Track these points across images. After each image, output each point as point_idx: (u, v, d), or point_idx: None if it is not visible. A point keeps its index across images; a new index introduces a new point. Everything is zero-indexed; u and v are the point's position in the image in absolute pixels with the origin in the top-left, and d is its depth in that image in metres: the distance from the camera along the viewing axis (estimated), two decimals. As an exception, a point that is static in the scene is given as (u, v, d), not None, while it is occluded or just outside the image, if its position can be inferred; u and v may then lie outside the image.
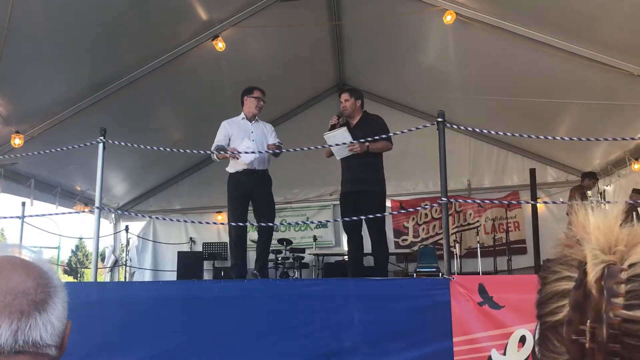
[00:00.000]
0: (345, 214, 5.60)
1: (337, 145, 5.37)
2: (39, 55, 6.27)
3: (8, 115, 6.69)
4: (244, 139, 5.62)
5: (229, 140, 5.73)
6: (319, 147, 5.41)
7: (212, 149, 5.66)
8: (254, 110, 5.81)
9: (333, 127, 5.57)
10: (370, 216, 5.09)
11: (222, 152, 5.57)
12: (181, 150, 5.79)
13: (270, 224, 5.66)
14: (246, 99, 5.88)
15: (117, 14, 6.22)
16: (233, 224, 5.60)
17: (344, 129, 5.43)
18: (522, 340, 3.59)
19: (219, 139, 5.72)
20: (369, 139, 5.34)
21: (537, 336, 0.75)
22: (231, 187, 5.79)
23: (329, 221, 5.54)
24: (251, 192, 5.68)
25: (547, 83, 7.44)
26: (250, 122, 5.84)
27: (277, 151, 5.60)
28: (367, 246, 5.78)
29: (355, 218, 5.20)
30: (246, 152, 5.43)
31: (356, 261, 5.86)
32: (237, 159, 5.50)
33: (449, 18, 6.71)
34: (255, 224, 5.69)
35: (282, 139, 6.95)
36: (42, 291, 0.89)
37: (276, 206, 6.14)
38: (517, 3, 6.32)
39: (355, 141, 5.36)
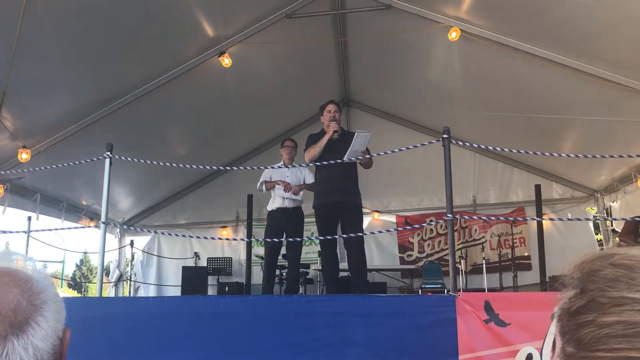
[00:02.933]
0: (326, 226, 5.64)
1: (356, 146, 5.41)
2: (47, 71, 6.32)
3: (15, 130, 6.73)
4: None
5: (271, 179, 6.82)
6: (325, 162, 5.42)
7: (258, 185, 6.84)
8: (286, 159, 6.90)
9: (335, 132, 5.71)
10: (378, 232, 5.09)
11: (267, 183, 6.74)
12: (187, 166, 5.82)
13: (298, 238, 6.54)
14: (281, 150, 7.02)
15: (124, 30, 6.28)
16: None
17: (370, 133, 5.50)
18: (529, 358, 3.56)
19: (266, 177, 6.85)
20: (369, 155, 5.59)
21: None
22: (269, 223, 6.89)
23: (336, 237, 5.56)
24: (284, 227, 6.63)
25: (552, 99, 7.45)
26: (287, 168, 6.81)
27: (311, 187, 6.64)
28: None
29: (353, 235, 5.22)
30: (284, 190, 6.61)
31: (334, 279, 5.93)
32: (287, 189, 6.54)
33: (453, 35, 6.74)
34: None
35: (287, 154, 7.01)
36: (22, 311, 0.86)
37: None
38: (521, 20, 6.35)
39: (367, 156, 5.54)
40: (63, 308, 0.94)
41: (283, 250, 7.09)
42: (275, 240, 6.42)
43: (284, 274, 8.99)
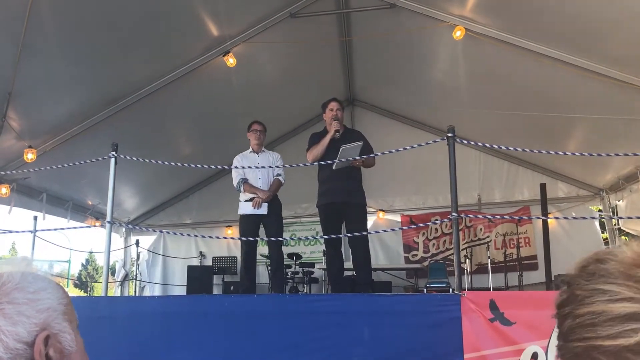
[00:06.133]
0: (330, 225, 5.63)
1: (343, 158, 5.39)
2: (52, 71, 6.34)
3: (21, 130, 6.76)
4: (253, 172, 6.28)
5: (243, 172, 6.28)
6: (329, 162, 5.42)
7: (236, 183, 6.28)
8: (255, 144, 6.43)
9: (337, 131, 5.69)
10: (383, 230, 5.09)
11: (246, 185, 6.20)
12: (192, 165, 5.83)
13: (280, 241, 6.18)
14: (248, 135, 6.50)
15: (129, 30, 6.30)
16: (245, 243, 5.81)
17: (360, 144, 5.45)
18: (535, 357, 3.55)
19: (240, 172, 6.27)
20: (373, 154, 5.62)
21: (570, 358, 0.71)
22: (243, 222, 6.32)
23: (340, 236, 5.56)
24: (261, 218, 6.14)
25: (558, 98, 7.43)
26: (257, 154, 6.41)
27: (276, 186, 6.31)
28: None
29: (357, 234, 5.21)
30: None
31: (339, 278, 5.95)
32: (257, 205, 6.06)
33: (458, 34, 6.73)
34: (265, 238, 6.15)
35: (292, 153, 7.02)
36: None
37: (286, 220, 6.57)
38: (526, 18, 6.34)
39: (359, 157, 5.44)
40: (39, 310, 0.92)
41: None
42: (251, 239, 6.00)
43: (289, 273, 9.01)
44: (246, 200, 6.21)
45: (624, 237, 9.66)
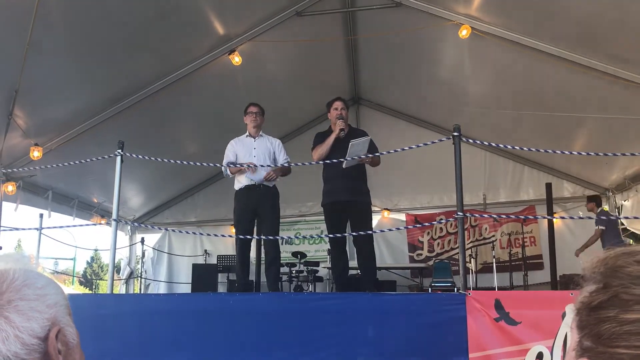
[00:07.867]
0: (334, 224, 5.63)
1: (354, 154, 5.37)
2: (58, 69, 6.36)
3: (28, 128, 6.78)
4: (248, 158, 5.84)
5: (236, 157, 5.90)
6: (335, 160, 5.41)
7: (223, 169, 5.96)
8: (251, 127, 6.01)
9: (342, 131, 5.65)
10: (388, 230, 5.08)
11: (232, 166, 5.79)
12: (197, 163, 5.84)
13: (276, 237, 5.81)
14: (245, 118, 6.09)
15: (135, 29, 6.32)
16: (240, 236, 5.79)
17: (369, 138, 5.44)
18: (540, 356, 3.54)
19: (229, 157, 5.92)
20: (378, 153, 5.57)
21: None
22: (236, 202, 5.95)
23: (345, 234, 5.56)
24: (256, 207, 5.80)
25: (564, 97, 7.40)
26: (254, 138, 6.01)
27: (285, 170, 5.94)
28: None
29: (362, 233, 5.21)
30: (262, 165, 5.68)
31: (343, 277, 5.92)
32: (254, 172, 5.66)
33: (464, 32, 6.71)
34: (260, 237, 5.96)
35: (297, 152, 6.96)
36: None
37: (290, 219, 6.32)
38: (533, 17, 6.31)
39: (369, 155, 5.42)
40: (49, 305, 0.93)
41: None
42: (243, 237, 5.73)
43: (294, 272, 9.00)
44: (240, 186, 5.82)
45: (630, 240, 9.63)
